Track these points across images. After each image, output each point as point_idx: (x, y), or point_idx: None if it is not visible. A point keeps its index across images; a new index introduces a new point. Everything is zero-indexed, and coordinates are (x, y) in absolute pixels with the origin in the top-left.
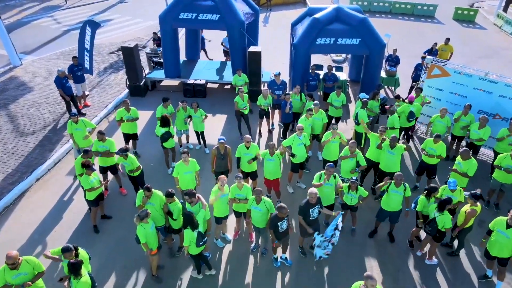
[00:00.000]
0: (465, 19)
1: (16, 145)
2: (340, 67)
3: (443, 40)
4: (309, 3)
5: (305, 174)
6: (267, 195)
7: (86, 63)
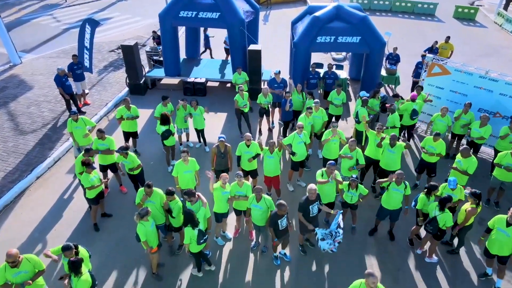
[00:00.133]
0: (466, 17)
1: (16, 143)
2: (340, 65)
3: (444, 38)
4: (309, 1)
5: (305, 172)
6: (267, 193)
7: (86, 62)
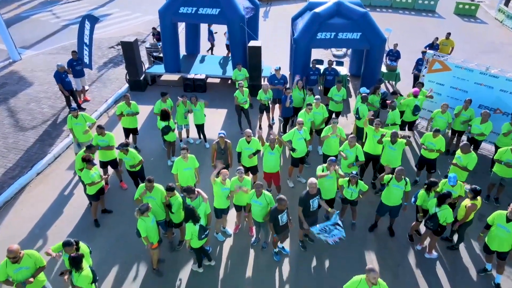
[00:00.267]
0: (466, 13)
1: (16, 139)
2: (340, 62)
3: (444, 34)
4: None
5: (305, 168)
6: (267, 189)
7: (85, 58)
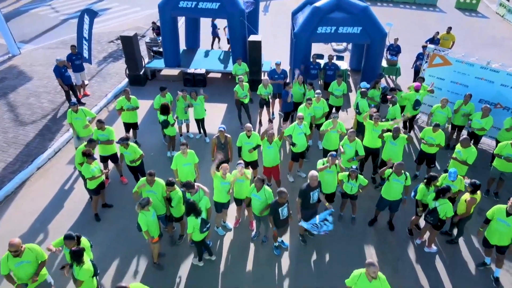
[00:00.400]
0: (467, 7)
1: (16, 134)
2: (341, 56)
3: (445, 29)
4: None
5: (305, 163)
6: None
7: (85, 52)
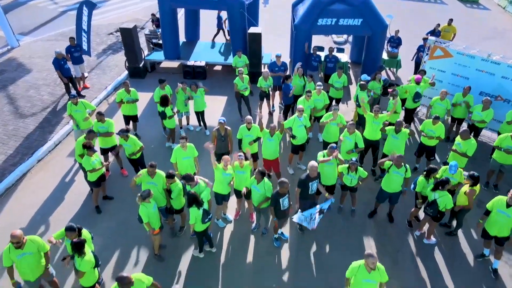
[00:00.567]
0: None
1: (16, 126)
2: (341, 49)
3: (446, 21)
4: None
5: (305, 155)
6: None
7: (84, 45)
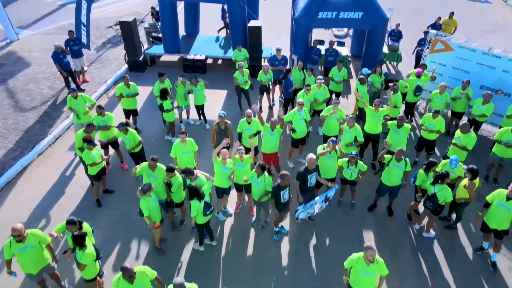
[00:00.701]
0: None
1: (16, 120)
2: (342, 42)
3: (447, 14)
4: None
5: (305, 149)
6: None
7: (83, 38)
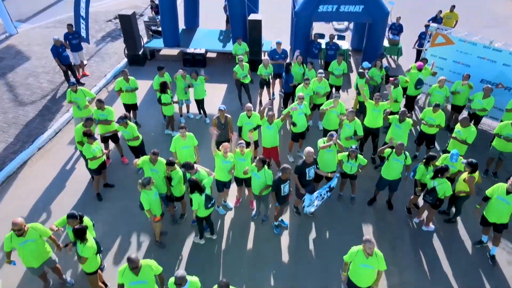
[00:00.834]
0: None
1: (16, 114)
2: (342, 36)
3: (448, 7)
4: None
5: (305, 143)
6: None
7: (82, 32)
